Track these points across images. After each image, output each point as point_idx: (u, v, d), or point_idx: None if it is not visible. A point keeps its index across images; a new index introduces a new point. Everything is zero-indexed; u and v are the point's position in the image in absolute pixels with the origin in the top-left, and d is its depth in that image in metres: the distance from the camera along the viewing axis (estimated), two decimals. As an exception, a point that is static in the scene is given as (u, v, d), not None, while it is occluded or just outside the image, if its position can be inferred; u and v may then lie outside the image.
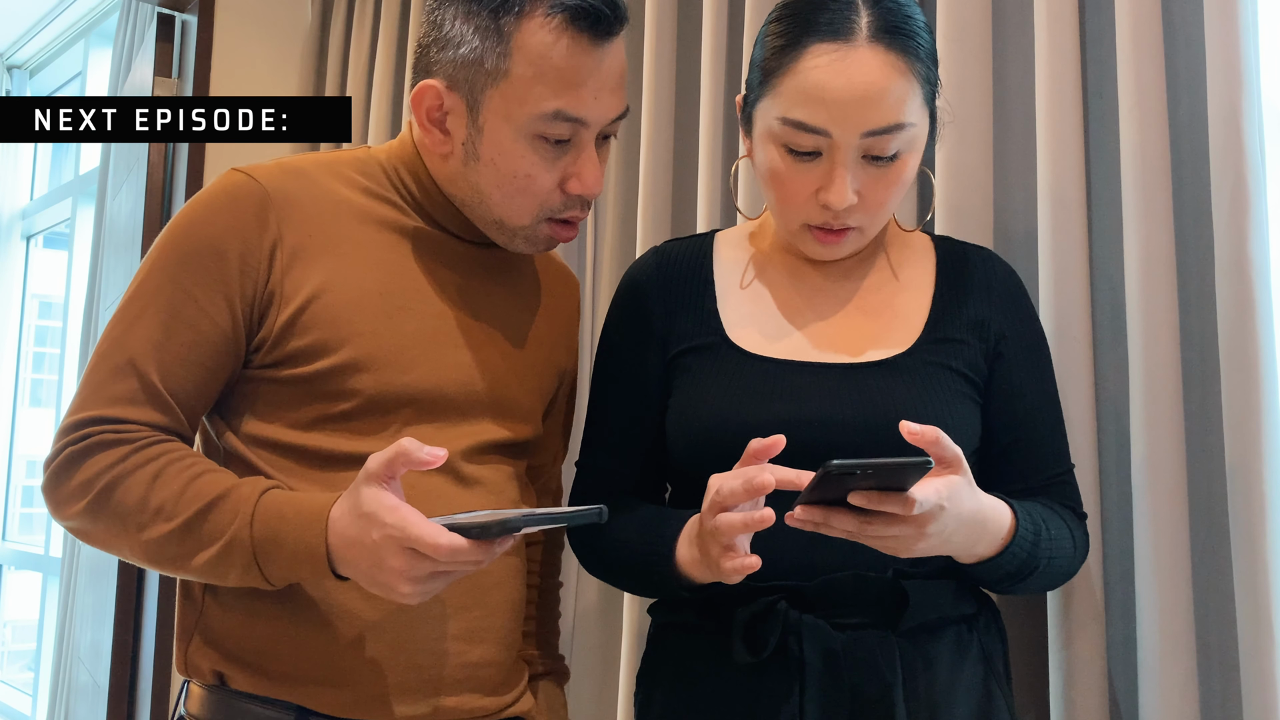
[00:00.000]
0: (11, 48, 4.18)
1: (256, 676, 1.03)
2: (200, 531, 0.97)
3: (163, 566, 1.01)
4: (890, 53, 1.01)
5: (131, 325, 1.04)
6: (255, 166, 1.09)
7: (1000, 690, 1.08)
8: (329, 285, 1.06)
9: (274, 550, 0.95)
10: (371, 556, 0.91)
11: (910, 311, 1.12)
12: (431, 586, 0.92)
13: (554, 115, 1.04)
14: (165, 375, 1.03)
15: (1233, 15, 1.11)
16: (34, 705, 3.72)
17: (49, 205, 4.04)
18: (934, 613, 1.05)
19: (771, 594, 1.03)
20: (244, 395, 1.08)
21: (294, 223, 1.06)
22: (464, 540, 0.88)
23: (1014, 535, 1.00)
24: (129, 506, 0.99)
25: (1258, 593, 1.06)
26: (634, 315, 1.19)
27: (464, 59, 1.05)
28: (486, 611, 1.09)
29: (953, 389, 1.08)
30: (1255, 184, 1.09)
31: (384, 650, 1.03)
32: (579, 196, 1.09)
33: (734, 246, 1.21)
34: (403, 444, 0.90)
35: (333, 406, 1.05)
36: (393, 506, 0.90)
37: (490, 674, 1.11)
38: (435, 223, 1.14)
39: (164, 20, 2.79)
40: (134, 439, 1.01)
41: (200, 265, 1.04)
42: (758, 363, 1.10)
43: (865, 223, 1.08)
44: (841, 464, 0.80)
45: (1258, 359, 1.07)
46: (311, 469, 1.05)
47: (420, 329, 1.09)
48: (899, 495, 0.86)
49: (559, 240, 1.13)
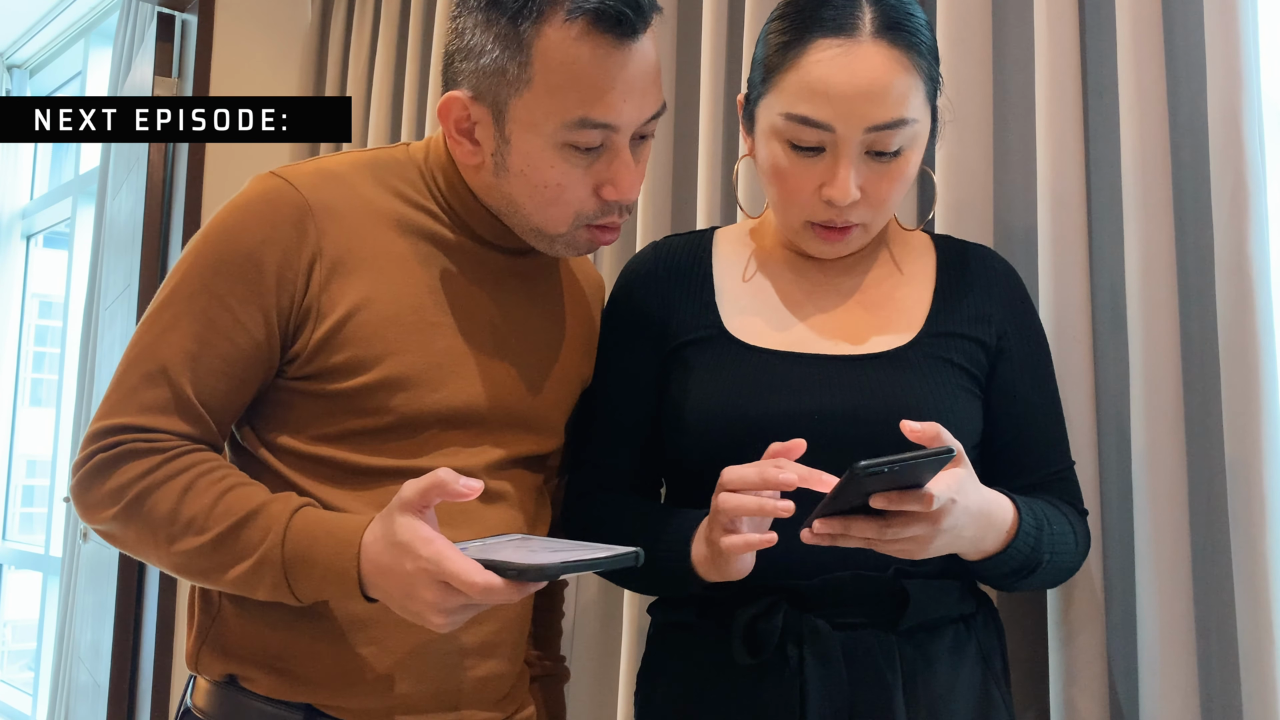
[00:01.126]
0: (11, 47, 4.18)
1: (268, 678, 1.03)
2: (232, 547, 0.96)
3: (193, 577, 1.00)
4: (894, 49, 1.02)
5: (164, 332, 1.02)
6: (294, 171, 1.07)
7: (998, 689, 1.08)
8: (366, 301, 1.04)
9: (305, 570, 0.95)
10: (404, 586, 0.90)
11: (911, 305, 1.12)
12: (462, 617, 0.92)
13: (581, 123, 1.00)
14: (198, 386, 1.01)
15: (1233, 15, 1.11)
16: (34, 705, 3.72)
17: (49, 205, 4.05)
18: (934, 612, 1.05)
19: (771, 594, 1.03)
20: (275, 405, 1.07)
21: (333, 235, 1.05)
22: (499, 580, 0.87)
23: (1018, 530, 1.00)
24: (159, 518, 0.98)
25: (1258, 593, 1.06)
26: (632, 309, 1.19)
27: (486, 69, 1.02)
28: (500, 625, 1.09)
29: (954, 383, 1.08)
30: (1255, 184, 1.10)
31: (397, 661, 1.03)
32: (616, 202, 1.06)
33: (733, 243, 1.21)
34: (439, 475, 0.89)
35: (364, 422, 1.04)
36: (428, 539, 0.89)
37: (499, 686, 1.11)
38: (471, 232, 1.12)
39: (164, 20, 2.79)
40: (165, 448, 1.00)
41: (237, 275, 1.02)
42: (756, 354, 1.10)
43: (868, 219, 1.08)
44: (869, 464, 0.79)
45: (1258, 359, 1.08)
46: (340, 481, 1.04)
47: (452, 346, 1.08)
48: (916, 492, 0.86)
49: (600, 244, 1.11)
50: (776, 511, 0.90)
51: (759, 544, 0.91)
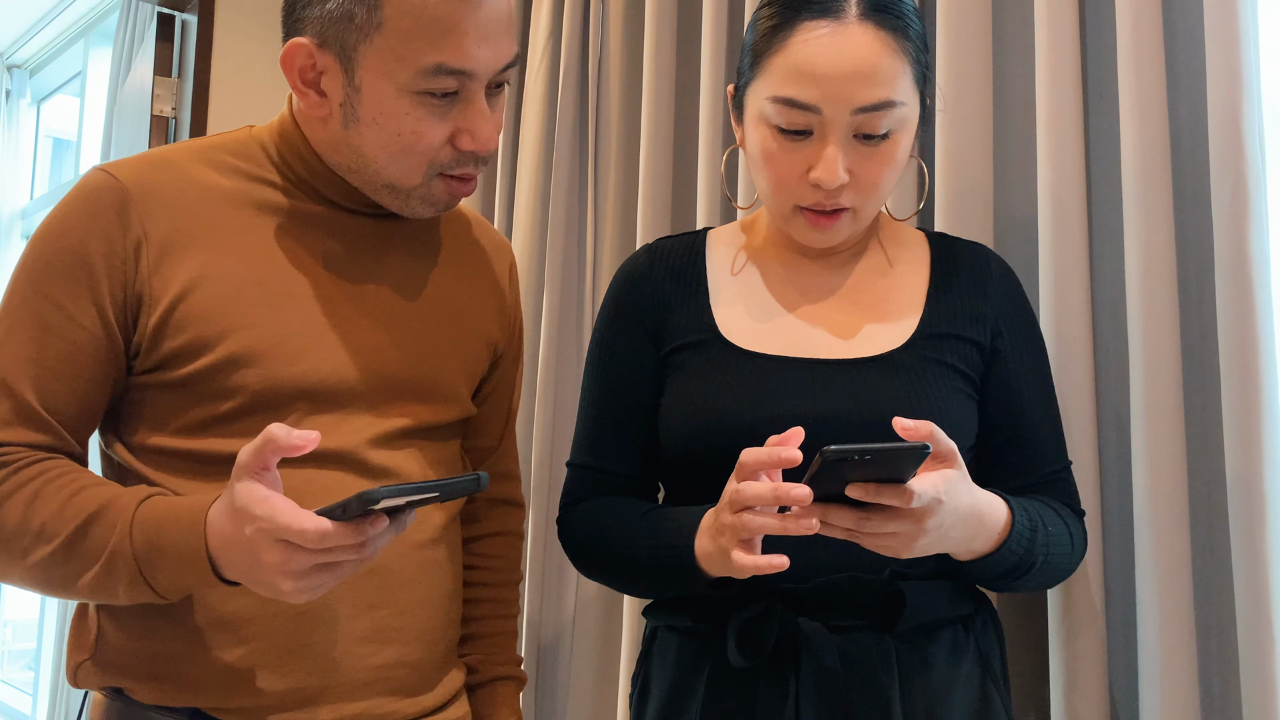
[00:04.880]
0: (11, 47, 4.18)
1: (150, 687, 0.99)
2: (82, 548, 0.91)
3: (54, 590, 0.95)
4: (881, 30, 1.02)
5: (1, 345, 0.98)
6: (117, 162, 1.03)
7: (997, 691, 1.08)
8: (201, 279, 1.00)
9: (157, 559, 0.90)
10: (248, 553, 0.85)
11: (905, 306, 1.12)
12: (315, 581, 0.85)
13: (437, 69, 0.97)
14: (41, 391, 0.97)
15: (1233, 15, 1.11)
16: (34, 705, 3.72)
17: (49, 205, 4.04)
18: (930, 614, 1.05)
19: (766, 597, 1.03)
20: (131, 404, 1.03)
21: (159, 217, 1.00)
22: (329, 523, 0.81)
23: (1010, 531, 1.00)
24: (9, 532, 0.93)
25: (1258, 593, 1.06)
26: (626, 312, 1.19)
27: (332, 14, 0.98)
28: (396, 610, 1.04)
29: (948, 384, 1.07)
30: (1255, 184, 1.10)
31: (279, 657, 0.99)
32: (471, 153, 1.03)
33: (726, 243, 1.21)
34: (270, 430, 0.84)
35: (218, 407, 0.99)
36: (263, 498, 0.83)
37: (404, 675, 1.05)
38: (323, 199, 1.07)
39: (164, 20, 2.79)
40: (10, 461, 0.95)
41: (64, 272, 0.98)
42: (751, 359, 1.09)
43: (859, 203, 1.07)
44: (839, 449, 0.80)
45: (1258, 359, 1.07)
46: (206, 475, 0.99)
47: (308, 315, 1.03)
48: (897, 487, 0.86)
49: (458, 196, 1.07)
50: (799, 530, 0.87)
51: (768, 567, 0.88)
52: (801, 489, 0.85)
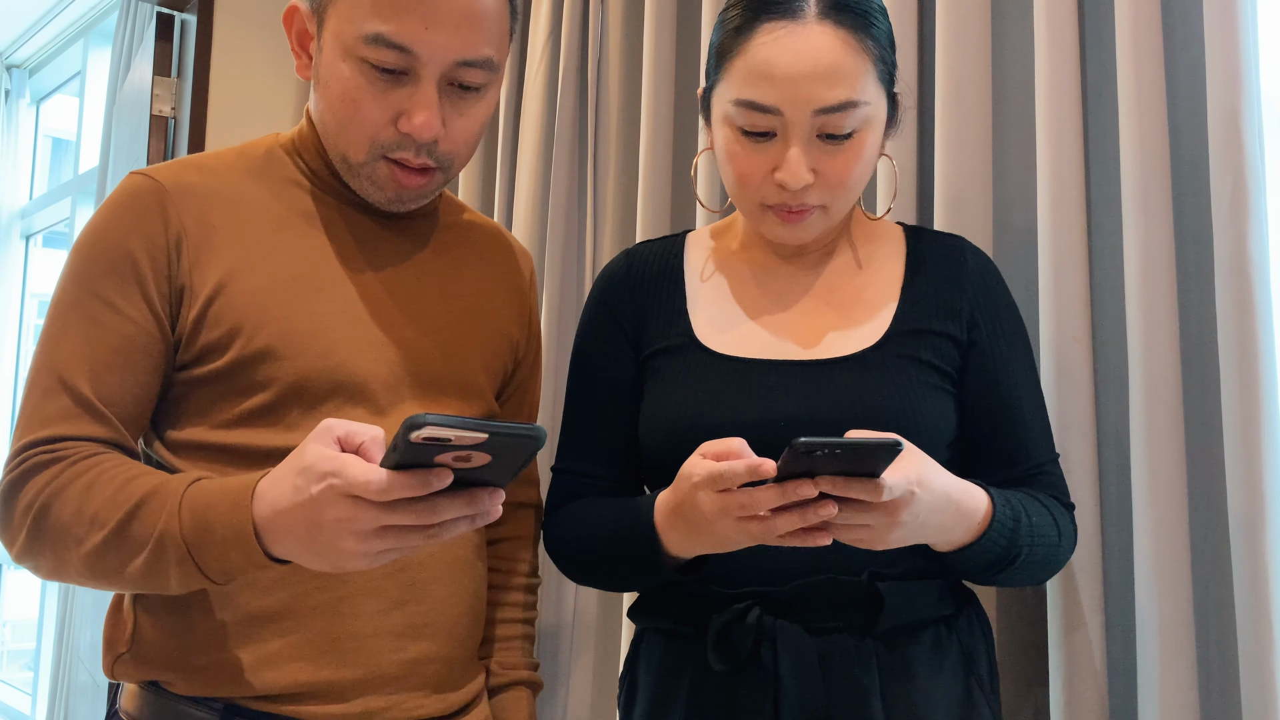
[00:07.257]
0: (11, 47, 4.18)
1: (185, 679, 1.00)
2: (132, 531, 0.91)
3: (106, 580, 0.95)
4: (840, 29, 1.02)
5: (55, 344, 1.01)
6: (154, 167, 1.07)
7: (981, 692, 1.07)
8: (236, 273, 1.03)
9: (205, 538, 0.88)
10: (310, 516, 0.81)
11: (878, 304, 1.11)
12: (378, 545, 0.81)
13: (375, 39, 0.99)
14: (96, 384, 0.99)
15: (1233, 15, 1.11)
16: (34, 705, 3.72)
17: (48, 205, 4.04)
18: (910, 615, 1.04)
19: (746, 599, 1.03)
20: (171, 401, 1.04)
21: (196, 212, 1.04)
22: (384, 472, 0.77)
23: (991, 520, 0.99)
24: (66, 521, 0.94)
25: (1258, 593, 1.06)
26: (606, 318, 1.19)
27: None
28: (427, 607, 1.06)
29: (923, 381, 1.07)
30: (1255, 184, 1.10)
31: (315, 650, 1.01)
32: (409, 137, 1.03)
33: (704, 246, 1.21)
34: (349, 425, 0.83)
35: (253, 399, 1.01)
36: (332, 455, 0.81)
37: (434, 670, 1.06)
38: (348, 199, 1.11)
39: (163, 20, 2.78)
40: (68, 454, 0.97)
41: (111, 270, 1.01)
42: (726, 363, 1.09)
43: (828, 200, 1.07)
44: (809, 441, 0.80)
45: (1257, 358, 1.07)
46: (240, 468, 0.98)
47: (340, 310, 1.05)
48: (868, 481, 0.85)
49: (405, 186, 1.06)
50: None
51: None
52: (769, 463, 0.85)
